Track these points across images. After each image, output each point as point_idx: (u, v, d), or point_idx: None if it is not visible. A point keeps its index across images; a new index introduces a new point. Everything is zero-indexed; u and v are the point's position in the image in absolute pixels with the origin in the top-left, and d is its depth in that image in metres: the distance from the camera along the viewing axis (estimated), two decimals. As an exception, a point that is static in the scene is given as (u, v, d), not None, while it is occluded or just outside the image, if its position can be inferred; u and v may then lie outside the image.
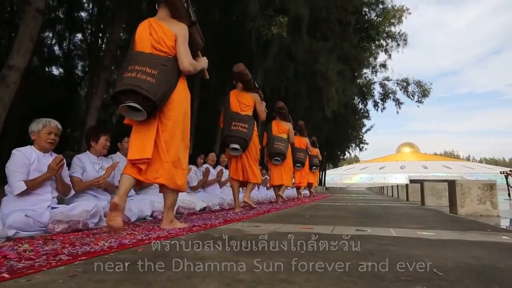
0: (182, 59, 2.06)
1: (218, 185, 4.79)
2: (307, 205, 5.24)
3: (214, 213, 3.33)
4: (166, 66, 1.99)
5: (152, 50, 2.03)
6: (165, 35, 2.06)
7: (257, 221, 2.71)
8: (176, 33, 2.09)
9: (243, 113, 3.53)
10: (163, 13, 2.19)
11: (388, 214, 3.53)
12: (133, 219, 2.51)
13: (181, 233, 1.91)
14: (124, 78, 1.90)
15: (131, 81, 1.88)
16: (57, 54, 14.96)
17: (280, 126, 5.01)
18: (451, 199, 3.66)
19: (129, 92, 1.87)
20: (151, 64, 1.94)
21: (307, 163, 6.83)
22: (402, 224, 2.51)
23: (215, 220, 2.62)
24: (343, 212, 3.65)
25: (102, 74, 6.11)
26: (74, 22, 13.06)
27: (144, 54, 1.99)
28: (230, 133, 3.44)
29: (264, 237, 1.81)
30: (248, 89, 3.65)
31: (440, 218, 3.09)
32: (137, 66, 1.92)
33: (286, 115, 5.12)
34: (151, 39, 2.04)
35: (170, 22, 2.14)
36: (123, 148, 3.05)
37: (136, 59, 1.96)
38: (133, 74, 1.89)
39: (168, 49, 2.05)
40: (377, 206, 5.06)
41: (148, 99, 1.86)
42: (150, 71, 1.91)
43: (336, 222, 2.65)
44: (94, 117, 6.04)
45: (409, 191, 7.04)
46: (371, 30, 17.56)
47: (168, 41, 2.06)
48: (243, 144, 3.44)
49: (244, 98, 3.59)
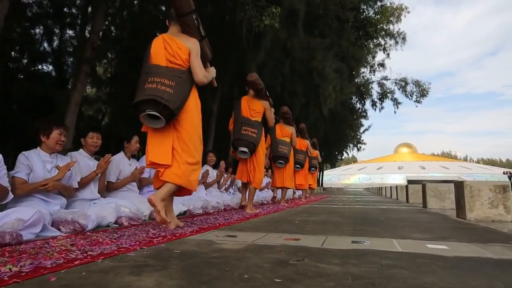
0: (196, 72, 2.22)
1: (203, 187, 4.41)
2: (300, 207, 4.87)
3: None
4: (181, 78, 2.14)
5: (167, 63, 2.17)
6: (180, 49, 2.21)
7: (238, 228, 2.33)
8: (189, 47, 2.24)
9: (253, 119, 3.72)
10: (174, 29, 2.36)
11: (388, 219, 3.16)
12: (90, 226, 2.13)
13: (134, 247, 1.53)
14: (145, 89, 2.05)
15: (152, 91, 2.02)
16: (47, 51, 14.53)
17: (284, 130, 5.16)
18: (458, 202, 3.29)
19: (150, 101, 2.01)
20: (168, 76, 2.10)
21: (306, 164, 6.90)
22: (406, 233, 2.14)
23: (188, 228, 2.24)
24: (338, 217, 3.27)
25: (83, 67, 5.71)
26: (63, 17, 12.62)
27: (161, 67, 2.14)
28: (240, 137, 3.62)
29: (236, 255, 1.43)
30: (259, 97, 3.84)
31: (449, 225, 2.72)
32: (156, 78, 2.07)
33: (290, 120, 5.29)
34: (166, 53, 2.19)
35: (182, 38, 2.29)
36: (86, 145, 2.66)
37: (155, 72, 2.11)
38: (153, 85, 2.04)
39: (183, 62, 2.20)
40: (376, 209, 4.70)
41: (167, 108, 2.02)
42: (168, 83, 2.07)
43: (329, 230, 2.27)
44: (75, 113, 5.64)
45: (409, 192, 6.69)
46: (369, 27, 17.21)
47: (182, 55, 2.21)
48: (251, 147, 3.63)
49: (255, 105, 3.78)
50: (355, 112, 24.30)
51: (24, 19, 11.66)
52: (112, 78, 12.84)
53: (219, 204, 4.06)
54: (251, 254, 1.43)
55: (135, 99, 2.07)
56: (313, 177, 8.18)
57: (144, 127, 2.20)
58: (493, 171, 65.27)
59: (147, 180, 3.33)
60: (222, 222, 2.70)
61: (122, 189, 3.04)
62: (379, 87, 23.62)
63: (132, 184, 3.10)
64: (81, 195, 2.51)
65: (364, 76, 23.25)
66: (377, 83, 23.75)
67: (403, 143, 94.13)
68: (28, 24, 12.28)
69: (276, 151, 5.01)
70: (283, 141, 5.09)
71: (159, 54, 2.19)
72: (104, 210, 2.39)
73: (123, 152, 3.13)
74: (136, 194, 3.11)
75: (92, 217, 2.17)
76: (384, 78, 23.36)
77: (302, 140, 6.51)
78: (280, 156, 5.02)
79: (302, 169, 6.55)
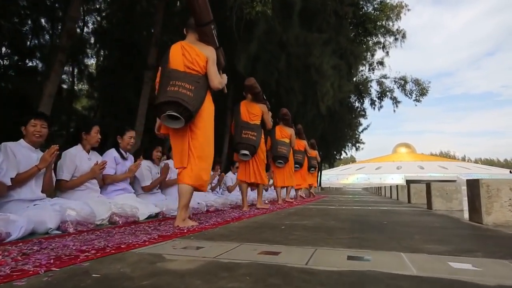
0: (212, 78, 2.33)
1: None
2: (293, 208, 4.42)
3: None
4: (199, 83, 2.25)
5: (185, 69, 2.27)
6: (198, 56, 2.32)
7: (208, 236, 1.88)
8: (207, 55, 2.35)
9: (252, 122, 3.87)
10: (192, 37, 2.46)
11: (392, 223, 2.71)
12: (15, 235, 1.67)
13: (37, 269, 1.07)
14: (167, 91, 2.15)
15: (174, 94, 2.14)
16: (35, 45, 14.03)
17: (283, 131, 5.31)
18: (472, 204, 2.85)
19: (171, 103, 2.12)
20: (188, 80, 2.21)
21: (305, 164, 7.05)
22: (417, 244, 1.69)
23: (143, 236, 1.79)
24: (333, 221, 2.82)
25: (58, 56, 5.24)
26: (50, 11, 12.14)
27: (180, 72, 2.24)
28: (241, 140, 3.78)
29: (177, 282, 0.98)
30: (257, 101, 3.98)
31: (466, 231, 2.27)
32: (178, 81, 2.17)
33: (289, 121, 5.44)
34: (184, 59, 2.29)
35: (200, 46, 2.40)
36: (28, 134, 2.19)
37: (175, 76, 2.21)
38: (175, 88, 2.15)
39: (200, 68, 2.30)
40: (376, 210, 4.26)
41: (187, 110, 2.14)
42: (189, 87, 2.18)
43: (321, 239, 1.82)
44: (49, 105, 5.17)
45: (411, 192, 6.24)
46: (368, 24, 16.77)
47: (200, 62, 2.32)
48: (252, 150, 3.80)
49: (253, 108, 3.93)
50: (354, 111, 23.89)
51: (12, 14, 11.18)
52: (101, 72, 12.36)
53: (200, 206, 3.60)
54: (200, 281, 0.98)
55: (157, 100, 2.18)
56: (313, 176, 8.35)
57: (162, 130, 2.39)
58: (491, 171, 65.03)
59: (112, 177, 2.87)
60: (193, 228, 2.25)
61: (80, 188, 2.59)
62: (378, 86, 23.23)
63: (92, 182, 2.64)
64: (18, 195, 2.05)
65: (363, 75, 22.86)
66: (376, 81, 23.34)
67: (401, 143, 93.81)
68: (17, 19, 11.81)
69: (276, 151, 5.17)
70: (282, 142, 5.24)
71: (177, 60, 2.29)
72: (43, 214, 1.93)
73: (80, 145, 2.67)
74: (96, 194, 2.65)
75: (20, 223, 1.71)
76: (383, 76, 22.95)
77: (299, 140, 6.62)
78: (280, 156, 5.18)
79: (301, 169, 6.69)
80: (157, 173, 3.43)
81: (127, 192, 2.96)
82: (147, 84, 7.08)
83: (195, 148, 2.28)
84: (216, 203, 3.99)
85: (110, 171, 2.86)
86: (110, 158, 2.87)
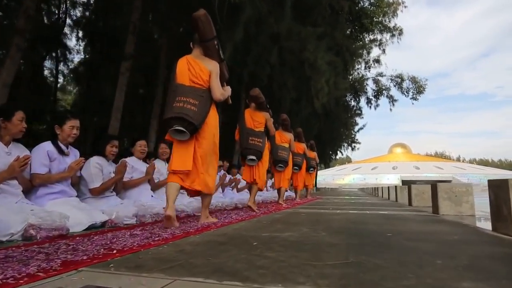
0: (215, 91, 2.52)
1: (148, 186, 3.37)
2: (280, 213, 3.85)
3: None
4: (203, 97, 2.45)
5: (190, 83, 2.47)
6: (202, 71, 2.51)
7: (137, 263, 1.29)
8: (211, 70, 2.54)
9: (256, 130, 4.08)
10: (197, 51, 2.64)
11: (398, 235, 2.15)
12: None
13: None
14: (174, 107, 2.36)
15: (180, 110, 2.35)
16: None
17: (283, 136, 5.51)
18: (497, 210, 2.29)
19: (177, 118, 2.34)
20: (192, 95, 2.41)
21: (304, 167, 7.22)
22: (443, 276, 1.12)
23: (44, 263, 1.19)
24: (324, 232, 2.25)
25: (15, 39, 4.61)
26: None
27: (185, 86, 2.45)
28: (248, 146, 3.99)
29: None
30: (260, 109, 4.18)
31: (499, 249, 1.71)
32: (183, 97, 2.38)
33: (288, 126, 5.66)
34: (189, 74, 2.49)
35: (204, 60, 2.58)
36: None
37: (181, 91, 2.42)
38: (180, 104, 2.36)
39: (204, 82, 2.50)
40: (376, 216, 3.69)
41: (192, 124, 2.36)
42: (193, 102, 2.38)
43: (301, 268, 1.24)
44: (4, 96, 4.54)
45: (412, 193, 5.69)
46: (364, 19, 16.26)
47: (204, 76, 2.51)
48: (258, 155, 4.03)
49: (257, 116, 4.13)
50: (350, 110, 23.40)
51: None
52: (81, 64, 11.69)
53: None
54: None
55: (165, 116, 2.38)
56: (311, 177, 8.62)
57: (167, 136, 2.48)
58: (486, 171, 65.05)
59: (42, 177, 2.25)
60: (133, 243, 1.66)
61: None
62: (374, 84, 22.75)
63: (10, 183, 2.03)
64: None
65: (359, 73, 22.37)
66: (372, 79, 22.87)
67: (397, 143, 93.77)
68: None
69: (276, 155, 5.33)
70: (282, 147, 5.42)
71: (183, 74, 2.47)
72: None
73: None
74: (15, 198, 2.04)
75: None
76: (379, 74, 22.48)
77: (299, 143, 6.79)
78: (280, 160, 5.38)
79: (300, 171, 6.91)
80: (110, 172, 2.83)
81: (66, 196, 2.36)
82: (123, 75, 6.45)
83: (200, 156, 2.47)
84: (189, 208, 3.41)
85: (41, 169, 2.25)
86: (41, 153, 2.27)
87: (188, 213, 3.37)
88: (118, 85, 6.36)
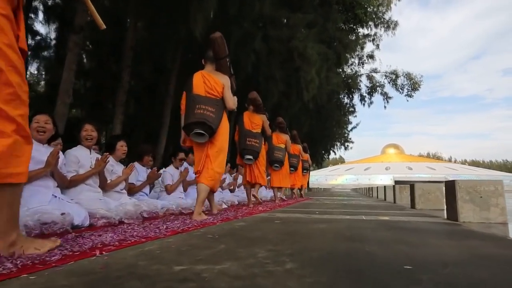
0: (228, 101, 2.91)
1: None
2: (244, 220, 2.85)
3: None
4: (218, 106, 2.83)
5: (206, 94, 2.83)
6: (216, 84, 2.88)
7: None
8: (224, 83, 2.92)
9: (254, 131, 4.47)
10: (210, 67, 3.02)
11: (422, 267, 1.17)
12: None
13: None
14: (195, 114, 2.72)
15: (201, 116, 2.72)
16: None
17: (279, 138, 5.85)
18: None
19: (198, 123, 2.72)
20: (210, 103, 2.78)
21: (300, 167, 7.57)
22: None
23: None
24: (291, 262, 1.26)
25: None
26: None
27: (201, 96, 2.81)
28: (246, 147, 4.38)
29: None
30: (258, 112, 4.57)
31: None
32: (202, 105, 2.74)
33: (284, 129, 6.05)
34: (205, 86, 2.84)
35: (217, 74, 2.95)
36: None
37: (199, 100, 2.78)
38: (201, 111, 2.72)
39: (218, 93, 2.87)
40: (375, 224, 2.73)
41: (211, 128, 2.73)
42: (211, 109, 2.76)
43: None
44: None
45: (416, 194, 4.75)
46: (358, 9, 15.39)
47: (218, 88, 2.88)
48: (255, 155, 4.43)
49: (255, 119, 4.52)
50: (343, 107, 22.55)
51: None
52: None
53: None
54: None
55: (186, 121, 2.76)
56: (305, 178, 8.99)
57: (188, 142, 2.95)
58: (478, 172, 65.07)
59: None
60: None
61: None
62: (368, 80, 21.99)
63: None
64: None
65: (352, 69, 21.55)
66: (366, 76, 22.11)
67: (390, 144, 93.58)
68: None
69: (272, 156, 5.65)
70: (278, 148, 5.77)
71: (199, 87, 2.84)
72: None
73: None
74: None
75: None
76: (373, 70, 21.72)
77: (294, 145, 7.09)
78: (276, 161, 5.71)
79: (295, 171, 7.22)
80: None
81: None
82: (72, 52, 5.39)
83: (212, 155, 2.82)
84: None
85: None
86: None
87: (110, 220, 2.36)
88: (65, 63, 5.29)
